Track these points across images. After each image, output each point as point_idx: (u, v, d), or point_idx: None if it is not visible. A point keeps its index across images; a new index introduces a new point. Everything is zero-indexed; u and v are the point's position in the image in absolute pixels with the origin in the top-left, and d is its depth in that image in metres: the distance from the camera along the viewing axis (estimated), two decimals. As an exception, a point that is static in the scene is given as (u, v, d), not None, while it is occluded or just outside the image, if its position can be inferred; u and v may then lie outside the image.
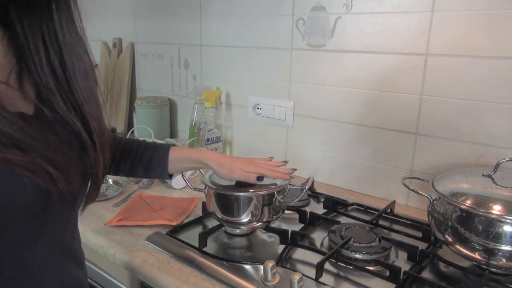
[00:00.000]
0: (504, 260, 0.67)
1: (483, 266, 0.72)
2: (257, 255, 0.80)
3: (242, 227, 0.85)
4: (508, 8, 0.83)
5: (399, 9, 0.96)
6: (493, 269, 0.71)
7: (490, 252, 0.67)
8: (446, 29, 0.91)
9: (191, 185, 0.89)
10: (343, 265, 0.76)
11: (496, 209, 0.66)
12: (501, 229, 0.65)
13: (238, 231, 0.88)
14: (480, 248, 0.68)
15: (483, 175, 0.75)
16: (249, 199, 0.80)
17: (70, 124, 0.50)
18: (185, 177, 0.90)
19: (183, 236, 0.87)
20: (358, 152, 1.11)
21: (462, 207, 0.69)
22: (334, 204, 1.00)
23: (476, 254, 0.69)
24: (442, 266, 0.77)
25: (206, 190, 0.85)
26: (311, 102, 1.18)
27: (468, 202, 0.69)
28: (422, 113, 0.98)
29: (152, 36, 1.62)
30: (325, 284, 0.70)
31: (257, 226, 0.84)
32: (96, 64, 2.13)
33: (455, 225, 0.70)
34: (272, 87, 1.26)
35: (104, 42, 1.80)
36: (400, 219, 0.95)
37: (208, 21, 1.38)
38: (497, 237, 0.65)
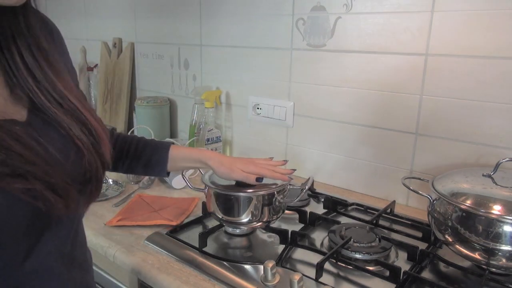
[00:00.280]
0: (504, 260, 0.67)
1: (483, 266, 0.72)
2: (257, 255, 0.80)
3: (242, 227, 0.85)
4: (508, 8, 0.83)
5: (399, 9, 0.96)
6: (493, 269, 0.71)
7: (490, 252, 0.67)
8: (446, 29, 0.91)
9: (191, 185, 0.89)
10: (343, 265, 0.76)
11: (496, 209, 0.66)
12: (501, 229, 0.65)
13: (238, 231, 0.88)
14: (480, 248, 0.68)
15: (483, 175, 0.75)
16: (249, 199, 0.80)
17: (65, 128, 0.49)
18: (185, 177, 0.90)
19: (183, 236, 0.87)
20: (358, 152, 1.11)
21: (462, 207, 0.69)
22: (334, 204, 1.00)
23: (476, 254, 0.69)
24: (442, 266, 0.77)
25: (206, 190, 0.85)
26: (311, 102, 1.18)
27: (468, 202, 0.69)
28: (422, 113, 0.98)
29: (152, 36, 1.62)
30: (325, 284, 0.70)
31: (257, 226, 0.84)
32: (96, 65, 2.12)
33: (455, 225, 0.70)
34: (272, 87, 1.26)
35: (104, 42, 1.80)
36: (400, 219, 0.95)
37: (208, 21, 1.38)
38: (497, 237, 0.66)
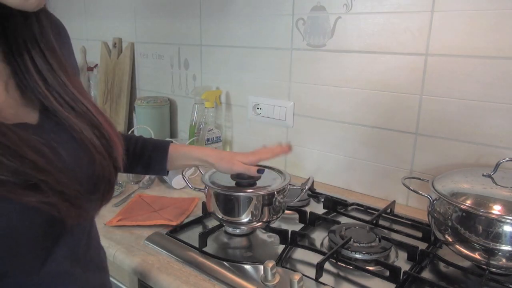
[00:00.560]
0: (504, 260, 0.67)
1: (483, 266, 0.72)
2: (257, 255, 0.80)
3: (242, 227, 0.85)
4: (509, 8, 0.83)
5: (399, 9, 0.96)
6: (493, 269, 0.71)
7: (490, 252, 0.67)
8: (446, 29, 0.91)
9: (191, 185, 0.89)
10: (343, 265, 0.76)
11: (496, 209, 0.66)
12: (501, 229, 0.65)
13: (238, 231, 0.88)
14: (480, 248, 0.68)
15: (483, 175, 0.75)
16: (249, 199, 0.80)
17: (77, 132, 0.49)
18: (185, 177, 0.90)
19: (183, 236, 0.87)
20: (358, 152, 1.11)
21: (462, 207, 0.69)
22: (334, 204, 1.00)
23: (476, 254, 0.69)
24: (442, 266, 0.77)
25: (206, 190, 0.85)
26: (311, 102, 1.18)
27: (468, 202, 0.69)
28: (422, 113, 0.98)
29: (152, 36, 1.62)
30: (325, 284, 0.70)
31: (257, 226, 0.84)
32: (96, 65, 2.12)
33: (455, 225, 0.70)
34: (272, 87, 1.26)
35: (104, 42, 1.80)
36: (400, 219, 0.95)
37: (208, 21, 1.38)
38: (497, 237, 0.65)
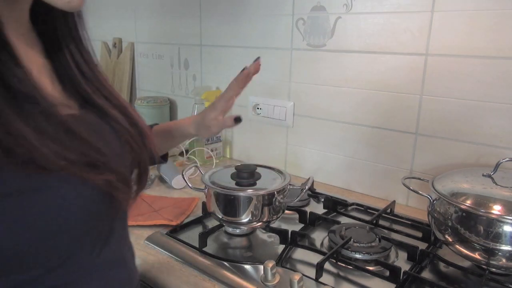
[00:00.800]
0: (504, 260, 0.67)
1: (483, 266, 0.72)
2: (257, 255, 0.80)
3: (242, 227, 0.85)
4: (509, 8, 0.83)
5: (399, 9, 0.96)
6: (493, 269, 0.71)
7: (490, 252, 0.67)
8: (446, 29, 0.91)
9: (191, 185, 0.89)
10: (343, 265, 0.76)
11: (496, 209, 0.66)
12: (501, 229, 0.65)
13: (238, 231, 0.88)
14: (480, 248, 0.68)
15: (483, 175, 0.75)
16: (249, 199, 0.80)
17: (116, 122, 0.49)
18: (185, 177, 0.90)
19: (183, 236, 0.87)
20: (358, 152, 1.11)
21: (462, 207, 0.69)
22: (334, 204, 1.00)
23: (476, 254, 0.69)
24: (442, 266, 0.77)
25: (206, 190, 0.85)
26: (311, 102, 1.18)
27: (468, 202, 0.69)
28: (422, 113, 0.98)
29: (152, 36, 1.62)
30: (325, 284, 0.70)
31: (257, 226, 0.84)
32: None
33: (455, 225, 0.70)
34: (272, 87, 1.26)
35: (104, 42, 1.80)
36: (400, 219, 0.95)
37: (208, 21, 1.38)
38: (497, 237, 0.66)
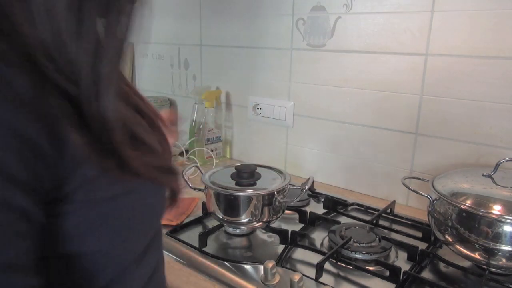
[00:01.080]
0: (504, 260, 0.67)
1: (483, 266, 0.72)
2: (257, 255, 0.80)
3: (242, 227, 0.85)
4: (509, 8, 0.83)
5: (399, 9, 0.96)
6: (493, 269, 0.71)
7: (490, 252, 0.67)
8: (446, 29, 0.91)
9: (191, 185, 0.89)
10: (343, 265, 0.76)
11: (496, 209, 0.66)
12: (501, 229, 0.65)
13: (238, 231, 0.88)
14: (480, 248, 0.68)
15: (483, 175, 0.75)
16: (249, 199, 0.80)
17: (158, 129, 0.50)
18: (185, 177, 0.90)
19: (183, 236, 0.87)
20: (358, 152, 1.11)
21: (462, 207, 0.69)
22: (334, 204, 1.00)
23: (476, 254, 0.69)
24: (442, 266, 0.77)
25: (206, 190, 0.85)
26: (311, 102, 1.18)
27: (468, 202, 0.69)
28: (422, 113, 0.98)
29: (152, 36, 1.62)
30: (325, 284, 0.70)
31: (257, 226, 0.84)
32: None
33: (455, 225, 0.70)
34: (272, 87, 1.26)
35: (104, 42, 1.80)
36: (400, 219, 0.95)
37: (208, 21, 1.38)
38: (497, 237, 0.66)
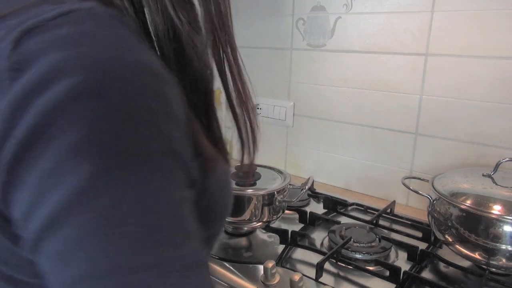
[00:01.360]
0: (504, 260, 0.67)
1: (483, 266, 0.72)
2: (257, 255, 0.80)
3: (242, 227, 0.85)
4: (508, 8, 0.83)
5: (399, 9, 0.96)
6: (493, 269, 0.71)
7: (490, 252, 0.67)
8: (446, 29, 0.91)
9: (191, 185, 0.89)
10: (343, 265, 0.76)
11: (496, 209, 0.66)
12: (501, 229, 0.65)
13: (238, 231, 0.88)
14: (480, 248, 0.68)
15: (483, 175, 0.75)
16: (249, 199, 0.80)
17: None
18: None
19: (183, 236, 0.87)
20: (358, 152, 1.11)
21: (462, 207, 0.69)
22: (334, 204, 1.00)
23: (476, 254, 0.69)
24: (442, 266, 0.77)
25: (206, 190, 0.85)
26: (311, 102, 1.18)
27: (468, 202, 0.69)
28: (422, 113, 0.98)
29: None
30: (325, 284, 0.70)
31: (257, 226, 0.84)
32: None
33: (455, 225, 0.70)
34: (272, 87, 1.26)
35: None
36: (400, 219, 0.95)
37: (208, 21, 1.38)
38: (497, 237, 0.66)
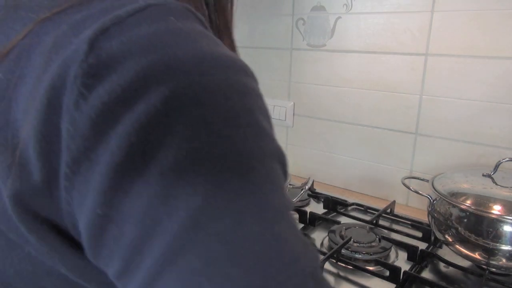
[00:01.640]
0: (504, 260, 0.67)
1: (483, 266, 0.72)
2: (257, 255, 0.80)
3: (242, 227, 0.85)
4: (509, 8, 0.83)
5: (399, 9, 0.96)
6: (493, 269, 0.71)
7: (490, 252, 0.67)
8: (446, 29, 0.91)
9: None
10: (343, 265, 0.76)
11: (496, 209, 0.66)
12: (501, 229, 0.65)
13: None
14: (480, 248, 0.68)
15: (483, 175, 0.75)
16: (249, 199, 0.79)
17: None
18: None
19: (183, 236, 0.87)
20: (358, 152, 1.11)
21: (462, 207, 0.69)
22: (334, 204, 1.00)
23: (476, 254, 0.69)
24: (442, 266, 0.77)
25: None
26: (311, 102, 1.18)
27: (468, 202, 0.69)
28: (422, 113, 0.98)
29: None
30: (325, 284, 0.70)
31: (257, 226, 0.84)
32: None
33: (455, 225, 0.70)
34: (272, 87, 1.26)
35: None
36: (400, 219, 0.95)
37: (208, 21, 1.38)
38: (497, 237, 0.66)
